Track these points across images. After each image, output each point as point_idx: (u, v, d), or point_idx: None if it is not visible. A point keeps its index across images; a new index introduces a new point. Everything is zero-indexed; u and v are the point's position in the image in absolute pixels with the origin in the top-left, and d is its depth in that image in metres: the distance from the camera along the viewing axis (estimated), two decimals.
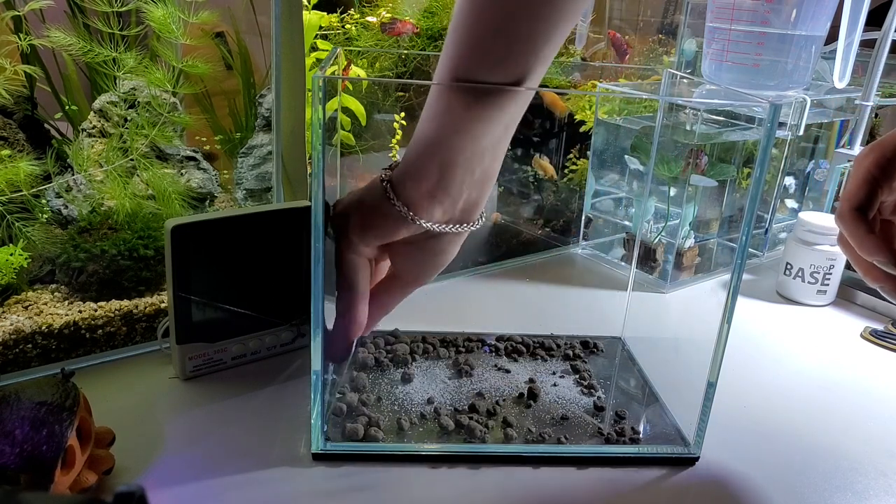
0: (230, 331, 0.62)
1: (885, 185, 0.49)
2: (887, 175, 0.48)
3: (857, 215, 0.49)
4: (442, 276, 0.84)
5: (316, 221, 0.47)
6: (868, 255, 0.48)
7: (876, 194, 0.49)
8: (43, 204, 0.69)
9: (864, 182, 0.49)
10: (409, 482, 0.51)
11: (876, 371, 0.73)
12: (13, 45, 0.65)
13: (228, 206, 0.81)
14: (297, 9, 0.68)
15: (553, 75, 1.01)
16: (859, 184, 0.49)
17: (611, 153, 0.95)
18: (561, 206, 1.00)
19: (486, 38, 0.45)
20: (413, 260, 0.53)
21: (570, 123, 0.99)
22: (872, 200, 0.49)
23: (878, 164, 0.49)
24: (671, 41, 1.19)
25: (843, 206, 0.50)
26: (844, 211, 0.49)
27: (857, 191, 0.49)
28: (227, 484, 0.49)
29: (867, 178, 0.49)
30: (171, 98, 0.71)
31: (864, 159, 0.50)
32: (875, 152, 0.49)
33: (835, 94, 0.97)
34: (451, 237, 0.51)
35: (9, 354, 0.58)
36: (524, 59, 0.45)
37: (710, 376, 0.54)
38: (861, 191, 0.49)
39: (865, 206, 0.49)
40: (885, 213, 0.51)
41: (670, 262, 0.88)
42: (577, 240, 1.00)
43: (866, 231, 0.48)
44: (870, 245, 0.48)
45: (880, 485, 0.55)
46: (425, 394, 0.59)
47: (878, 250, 0.48)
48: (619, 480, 0.53)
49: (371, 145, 0.83)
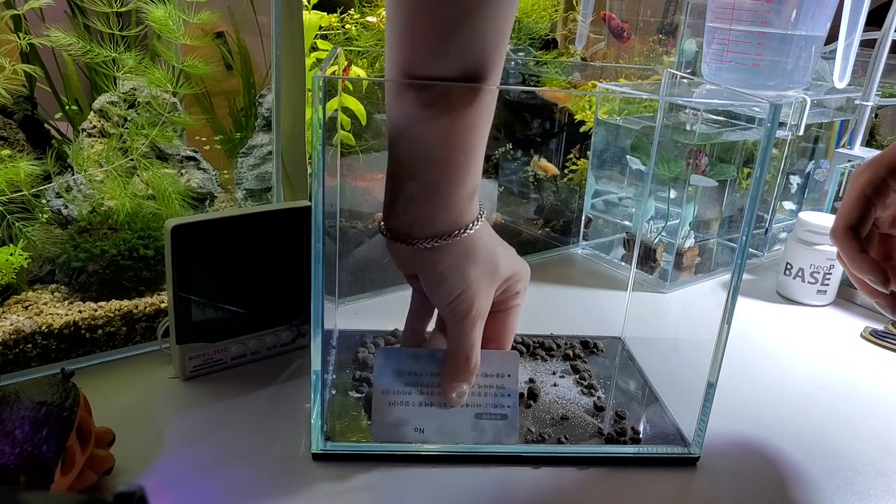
0: (230, 331, 0.62)
1: (879, 203, 0.49)
2: (880, 193, 0.49)
3: (850, 234, 0.49)
4: None
5: (316, 221, 0.47)
6: (860, 274, 0.49)
7: (869, 212, 0.49)
8: (43, 204, 0.69)
9: (858, 201, 0.49)
10: (409, 482, 0.51)
11: (876, 371, 0.73)
12: (13, 45, 0.65)
13: (228, 206, 0.81)
14: (297, 9, 0.68)
15: (553, 75, 1.01)
16: (853, 202, 0.50)
17: (611, 153, 0.95)
18: (561, 206, 1.00)
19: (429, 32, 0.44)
20: (424, 286, 0.51)
21: (570, 123, 0.99)
22: (865, 219, 0.49)
23: (872, 182, 0.49)
24: (671, 41, 1.19)
25: (838, 224, 0.50)
26: (838, 229, 0.50)
27: (851, 209, 0.50)
28: (227, 484, 0.49)
29: (860, 197, 0.49)
30: (171, 98, 0.71)
31: (857, 178, 0.50)
32: (868, 171, 0.50)
33: (835, 94, 0.97)
34: (417, 252, 0.49)
35: (9, 354, 0.58)
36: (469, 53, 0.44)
37: (710, 376, 0.54)
38: (854, 209, 0.49)
39: (859, 225, 0.49)
40: (884, 228, 0.52)
41: (670, 262, 0.88)
42: (577, 240, 1.00)
43: (858, 250, 0.49)
44: (861, 263, 0.49)
45: (880, 485, 0.55)
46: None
47: (869, 269, 0.48)
48: (619, 480, 0.53)
49: (371, 145, 0.83)
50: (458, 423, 0.52)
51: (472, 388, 0.51)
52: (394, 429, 0.51)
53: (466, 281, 0.48)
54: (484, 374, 0.52)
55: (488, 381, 0.52)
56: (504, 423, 0.52)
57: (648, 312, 0.78)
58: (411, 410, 0.52)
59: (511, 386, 0.53)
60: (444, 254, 0.48)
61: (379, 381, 0.51)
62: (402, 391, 0.52)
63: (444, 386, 0.51)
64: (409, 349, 0.54)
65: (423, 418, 0.51)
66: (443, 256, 0.48)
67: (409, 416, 0.51)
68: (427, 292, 0.50)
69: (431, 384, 0.52)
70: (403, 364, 0.52)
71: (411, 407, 0.52)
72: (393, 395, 0.51)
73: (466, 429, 0.52)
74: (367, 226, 0.81)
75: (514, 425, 0.52)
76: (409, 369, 0.52)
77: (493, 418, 0.52)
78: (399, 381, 0.52)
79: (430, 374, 0.52)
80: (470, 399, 0.52)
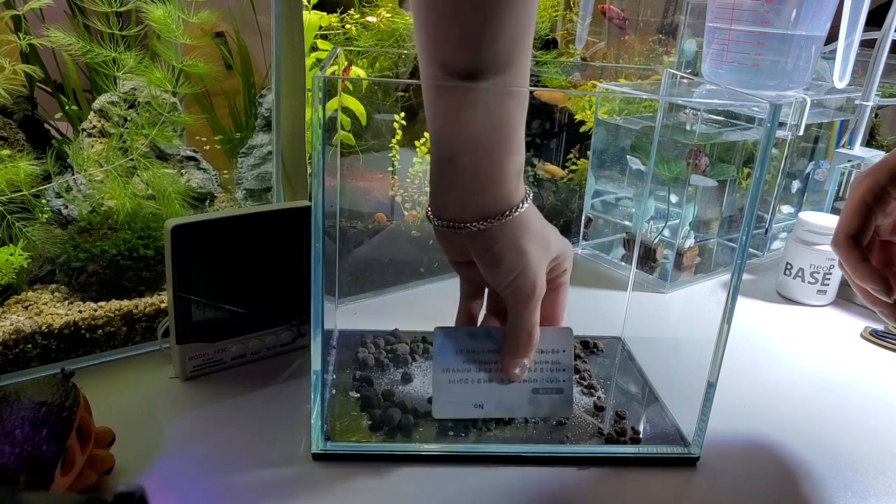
0: (230, 331, 0.62)
1: (879, 211, 0.49)
2: (880, 201, 0.49)
3: (851, 243, 0.49)
4: (442, 276, 0.84)
5: (316, 221, 0.47)
6: (861, 283, 0.49)
7: (870, 221, 0.49)
8: (43, 204, 0.69)
9: (858, 209, 0.50)
10: (409, 482, 0.51)
11: (876, 371, 0.73)
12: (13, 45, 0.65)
13: (228, 206, 0.81)
14: (297, 9, 0.68)
15: (553, 75, 1.01)
16: (853, 211, 0.50)
17: (611, 153, 0.95)
18: (561, 205, 1.00)
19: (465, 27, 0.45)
20: (482, 270, 0.51)
21: (570, 123, 0.99)
22: (866, 227, 0.49)
23: (872, 190, 0.49)
24: (671, 41, 1.19)
25: (838, 233, 0.51)
26: (839, 238, 0.50)
27: (851, 218, 0.50)
28: (227, 484, 0.49)
29: (860, 206, 0.50)
30: (171, 98, 0.71)
31: (857, 187, 0.50)
32: (868, 179, 0.50)
33: (835, 94, 0.97)
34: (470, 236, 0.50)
35: (9, 354, 0.58)
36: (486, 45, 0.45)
37: (710, 376, 0.54)
38: (855, 218, 0.50)
39: (860, 233, 0.49)
40: (884, 235, 0.52)
41: (670, 262, 0.88)
42: (577, 240, 1.00)
43: (860, 259, 0.49)
44: (863, 272, 0.49)
45: (880, 484, 0.55)
46: (425, 394, 0.59)
47: (871, 278, 0.49)
48: (619, 480, 0.53)
49: (371, 145, 0.83)
50: (516, 397, 0.54)
51: (530, 363, 0.53)
52: (454, 405, 0.53)
53: (524, 259, 0.49)
54: (540, 351, 0.54)
55: (544, 357, 0.54)
56: (560, 397, 0.54)
57: (648, 312, 0.78)
58: (470, 387, 0.53)
59: (566, 361, 0.55)
60: (498, 235, 0.49)
61: (438, 360, 0.53)
62: (461, 369, 0.53)
63: (504, 362, 0.53)
64: (467, 328, 0.56)
65: (482, 394, 0.53)
66: (497, 238, 0.49)
67: (468, 392, 0.53)
68: (485, 275, 0.51)
69: (489, 361, 0.53)
70: (462, 342, 0.53)
71: (470, 384, 0.53)
72: (452, 372, 0.53)
73: (524, 403, 0.54)
74: (367, 226, 0.82)
75: (570, 399, 0.54)
76: (468, 347, 0.53)
77: (549, 392, 0.54)
78: (458, 358, 0.53)
79: (488, 350, 0.53)
80: (527, 374, 0.54)
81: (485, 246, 0.49)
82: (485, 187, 0.48)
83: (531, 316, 0.51)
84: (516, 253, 0.49)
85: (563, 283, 0.55)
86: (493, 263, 0.50)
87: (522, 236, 0.49)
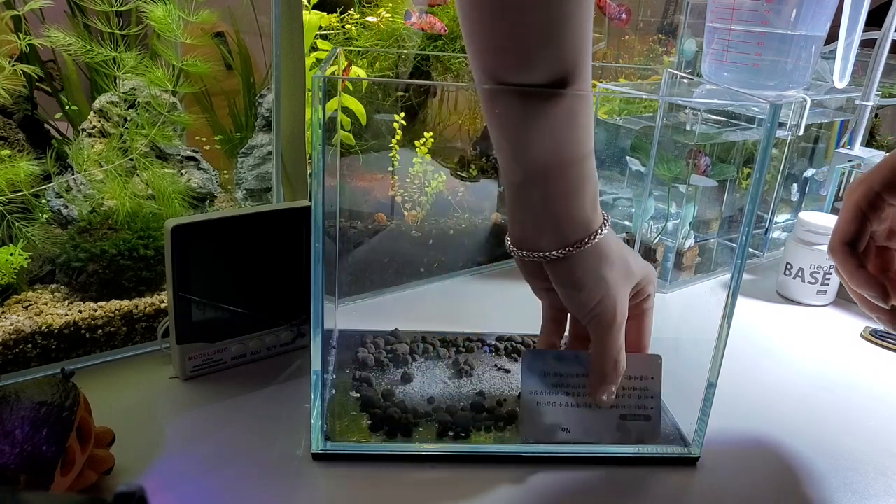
0: (230, 331, 0.62)
1: (874, 217, 0.49)
2: (875, 207, 0.49)
3: (847, 249, 0.49)
4: (442, 276, 0.84)
5: (316, 221, 0.47)
6: (858, 289, 0.49)
7: (865, 227, 0.49)
8: (43, 204, 0.69)
9: (853, 216, 0.50)
10: (409, 482, 0.51)
11: (876, 371, 0.73)
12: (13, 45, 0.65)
13: (228, 206, 0.81)
14: (297, 9, 0.68)
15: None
16: (848, 218, 0.50)
17: (611, 153, 0.95)
18: None
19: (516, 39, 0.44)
20: (562, 297, 0.51)
21: None
22: (862, 234, 0.49)
23: (866, 196, 0.49)
24: (671, 41, 1.19)
25: (834, 241, 0.50)
26: (835, 245, 0.50)
27: (847, 225, 0.50)
28: (227, 484, 0.49)
29: (855, 212, 0.49)
30: (171, 98, 0.71)
31: (852, 193, 0.50)
32: (863, 186, 0.50)
33: (835, 94, 0.97)
34: (550, 264, 0.49)
35: (9, 354, 0.58)
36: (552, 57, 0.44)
37: (710, 376, 0.54)
38: (850, 225, 0.50)
39: (856, 240, 0.49)
40: (880, 241, 0.51)
41: (670, 262, 0.88)
42: None
43: (856, 265, 0.49)
44: (860, 279, 0.49)
45: (880, 484, 0.55)
46: (425, 394, 0.59)
47: (867, 285, 0.49)
48: (619, 480, 0.53)
49: (371, 145, 0.83)
50: (604, 423, 0.53)
51: (618, 389, 0.53)
52: (543, 429, 0.53)
53: (605, 286, 0.49)
54: (628, 377, 0.53)
55: (632, 384, 0.54)
56: (648, 424, 0.54)
57: None
58: (558, 411, 0.53)
59: (654, 388, 0.54)
60: (578, 262, 0.48)
61: (527, 382, 0.53)
62: (548, 392, 0.53)
63: (592, 388, 0.52)
64: (554, 351, 0.56)
65: (569, 418, 0.53)
66: (577, 265, 0.48)
67: (556, 416, 0.53)
68: (566, 303, 0.51)
69: (577, 385, 0.53)
70: (549, 365, 0.53)
71: (558, 407, 0.53)
72: (540, 395, 0.53)
73: (612, 429, 0.53)
74: (367, 226, 0.82)
75: (657, 426, 0.54)
76: (555, 370, 0.53)
77: (637, 419, 0.54)
78: (545, 381, 0.53)
79: (576, 375, 0.53)
80: (615, 400, 0.53)
81: (565, 273, 0.49)
82: (563, 214, 0.48)
83: (614, 343, 0.51)
84: (596, 280, 0.49)
85: (646, 308, 0.54)
86: (574, 291, 0.49)
87: (602, 263, 0.49)
